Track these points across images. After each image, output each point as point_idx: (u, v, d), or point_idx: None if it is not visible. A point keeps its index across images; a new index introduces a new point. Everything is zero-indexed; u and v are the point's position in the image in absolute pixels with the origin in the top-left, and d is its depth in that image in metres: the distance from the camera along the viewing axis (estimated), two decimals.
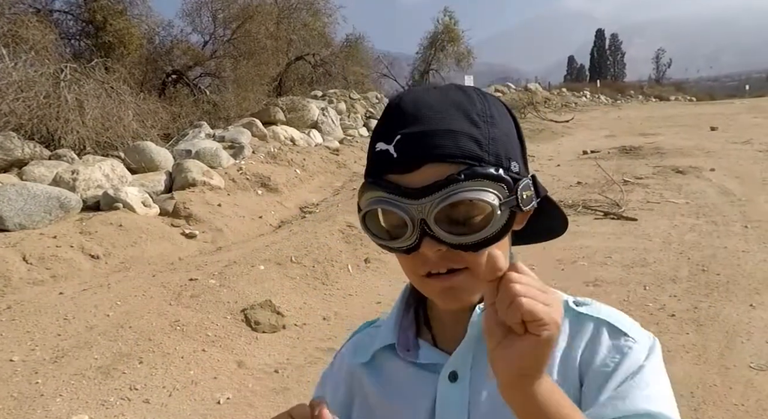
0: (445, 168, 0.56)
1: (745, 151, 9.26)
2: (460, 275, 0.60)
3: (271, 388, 2.70)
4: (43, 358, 2.82)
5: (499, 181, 0.57)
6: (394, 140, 0.57)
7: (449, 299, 0.61)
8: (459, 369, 0.62)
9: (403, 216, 0.57)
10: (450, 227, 0.57)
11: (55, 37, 9.99)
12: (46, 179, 5.69)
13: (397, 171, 0.57)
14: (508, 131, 0.62)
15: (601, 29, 76.71)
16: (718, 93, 52.51)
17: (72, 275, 4.16)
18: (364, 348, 0.71)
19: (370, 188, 0.60)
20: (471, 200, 0.56)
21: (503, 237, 0.59)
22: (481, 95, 0.62)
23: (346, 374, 0.72)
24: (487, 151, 0.57)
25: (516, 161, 0.60)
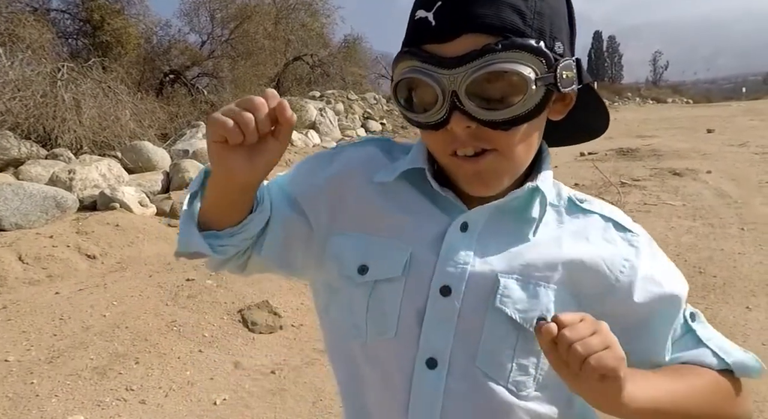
0: (483, 38, 0.53)
1: (742, 153, 9.29)
2: (488, 156, 0.58)
3: (268, 389, 2.69)
4: (39, 358, 2.81)
5: (538, 55, 0.54)
6: (434, 7, 0.55)
7: (478, 185, 0.60)
8: (471, 222, 0.62)
9: (434, 86, 0.55)
10: (481, 102, 0.55)
11: (52, 36, 9.96)
12: (42, 178, 5.68)
13: (434, 40, 0.55)
14: (558, 9, 0.58)
15: (598, 31, 76.92)
16: (714, 95, 52.74)
17: (68, 275, 4.14)
18: (383, 164, 0.67)
19: (406, 57, 0.57)
20: (505, 71, 0.53)
21: (536, 117, 0.57)
22: None
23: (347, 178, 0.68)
24: (531, 25, 0.55)
25: (561, 41, 0.57)
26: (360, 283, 0.63)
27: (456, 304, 0.60)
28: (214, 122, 0.55)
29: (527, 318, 0.61)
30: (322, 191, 0.68)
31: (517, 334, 0.61)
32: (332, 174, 0.69)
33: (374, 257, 0.63)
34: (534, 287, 0.61)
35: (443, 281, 0.61)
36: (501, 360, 0.61)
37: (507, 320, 0.60)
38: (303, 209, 0.69)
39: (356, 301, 0.64)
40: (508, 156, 0.59)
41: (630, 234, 0.67)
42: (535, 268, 0.62)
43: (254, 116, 0.54)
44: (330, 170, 0.69)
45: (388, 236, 0.63)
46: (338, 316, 0.67)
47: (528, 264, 0.61)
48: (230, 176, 0.58)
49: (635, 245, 0.66)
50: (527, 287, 0.61)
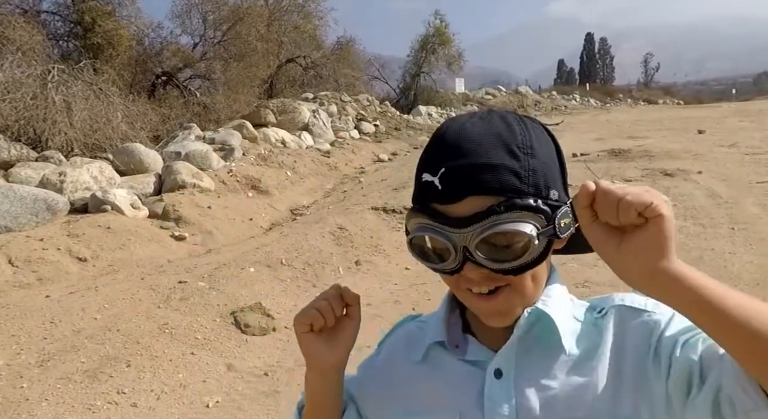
0: (486, 200, 0.60)
1: (732, 154, 9.37)
2: (502, 294, 0.64)
3: (261, 391, 2.68)
4: (29, 362, 2.78)
5: (537, 212, 0.60)
6: (439, 173, 0.62)
7: (495, 319, 0.66)
8: (503, 366, 0.66)
9: (447, 244, 0.62)
10: (490, 254, 0.61)
11: (43, 38, 9.88)
12: (32, 180, 5.63)
13: (441, 201, 0.62)
14: (547, 159, 0.65)
15: (590, 33, 77.44)
16: (705, 97, 53.16)
17: (59, 278, 4.11)
18: (415, 342, 0.74)
19: (417, 214, 0.65)
20: (509, 232, 0.60)
21: (541, 262, 0.63)
22: (522, 125, 0.65)
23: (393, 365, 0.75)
24: (527, 183, 0.61)
25: (555, 188, 0.64)
26: None
27: None
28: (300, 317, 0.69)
29: None
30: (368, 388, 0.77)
31: None
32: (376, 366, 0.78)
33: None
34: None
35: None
36: None
37: None
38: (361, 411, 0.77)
39: None
40: (521, 291, 0.65)
41: (646, 314, 0.67)
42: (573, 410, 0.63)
43: (329, 302, 0.69)
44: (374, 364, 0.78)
45: (434, 409, 0.68)
46: None
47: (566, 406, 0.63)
48: (318, 360, 0.71)
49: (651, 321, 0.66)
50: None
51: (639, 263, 0.54)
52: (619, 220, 0.53)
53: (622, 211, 0.52)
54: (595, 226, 0.55)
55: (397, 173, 8.50)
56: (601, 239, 0.55)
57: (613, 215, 0.53)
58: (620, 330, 0.67)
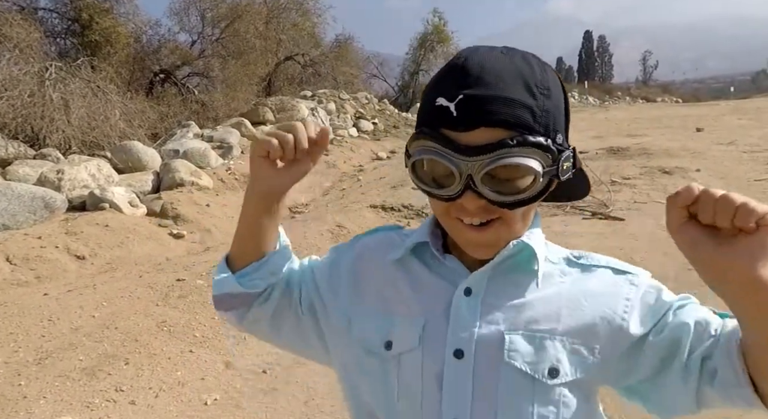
0: (498, 132, 0.61)
1: (730, 152, 9.38)
2: (492, 227, 0.66)
3: (259, 389, 2.68)
4: (27, 360, 2.78)
5: (546, 151, 0.62)
6: (456, 99, 0.61)
7: (481, 251, 0.68)
8: (473, 286, 0.68)
9: (453, 169, 0.62)
10: (493, 185, 0.62)
11: (40, 35, 9.86)
12: (30, 178, 5.62)
13: (453, 128, 0.62)
14: (558, 103, 0.66)
15: (589, 31, 77.40)
16: (703, 95, 53.25)
17: (57, 276, 4.10)
18: (394, 246, 0.75)
19: (424, 137, 0.64)
20: (518, 165, 0.61)
21: (539, 200, 0.66)
22: (541, 66, 0.66)
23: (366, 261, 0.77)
24: (539, 122, 0.62)
25: (561, 133, 0.65)
26: (387, 358, 0.69)
27: (470, 365, 0.66)
28: (260, 141, 0.70)
29: (537, 369, 0.65)
30: (342, 277, 0.77)
31: (533, 386, 0.65)
32: (351, 259, 0.78)
33: (396, 332, 0.70)
34: (540, 340, 0.66)
35: (456, 345, 0.66)
36: (521, 414, 0.65)
37: (518, 372, 0.65)
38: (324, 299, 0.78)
39: (387, 375, 0.70)
40: (510, 225, 0.66)
41: (630, 275, 0.72)
42: (538, 322, 0.67)
43: (295, 137, 0.69)
44: (349, 256, 0.79)
45: (405, 311, 0.70)
46: (366, 390, 0.72)
47: (531, 319, 0.67)
48: (263, 184, 0.72)
49: (635, 283, 0.70)
50: (533, 340, 0.66)
51: (741, 266, 0.53)
52: (733, 224, 0.53)
53: (741, 216, 0.52)
54: (690, 225, 0.55)
55: (395, 171, 8.50)
56: (697, 238, 0.55)
57: (726, 219, 0.53)
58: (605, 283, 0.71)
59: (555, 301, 0.68)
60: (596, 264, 0.73)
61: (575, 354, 0.66)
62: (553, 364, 0.65)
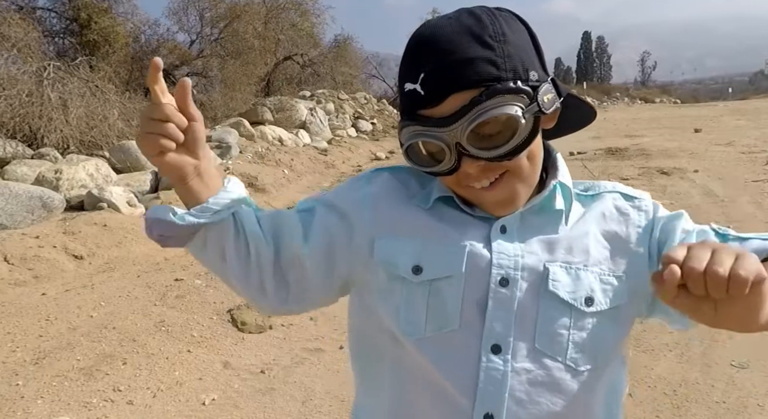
0: (468, 94, 0.61)
1: (728, 152, 9.40)
2: (501, 182, 0.67)
3: (257, 389, 2.68)
4: (24, 360, 2.77)
5: (518, 93, 0.62)
6: (419, 79, 0.63)
7: (501, 208, 0.69)
8: (508, 224, 0.70)
9: (440, 143, 0.64)
10: (483, 144, 0.63)
11: (39, 34, 9.84)
12: (28, 178, 5.61)
13: (427, 106, 0.63)
14: (522, 43, 0.66)
15: (587, 32, 77.51)
16: (702, 96, 53.34)
17: (55, 276, 4.10)
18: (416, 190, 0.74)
19: (407, 124, 0.66)
20: (496, 117, 0.61)
21: (533, 141, 0.65)
22: (491, 15, 0.66)
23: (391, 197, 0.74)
24: (505, 69, 0.62)
25: (534, 69, 0.65)
26: (417, 283, 0.68)
27: (515, 293, 0.67)
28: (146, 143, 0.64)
29: (576, 298, 0.68)
30: (364, 203, 0.74)
31: (571, 313, 0.68)
32: (373, 191, 0.75)
33: (429, 258, 0.69)
34: (575, 271, 0.69)
35: (501, 273, 0.68)
36: (558, 340, 0.68)
37: (559, 301, 0.68)
38: (346, 213, 0.74)
39: (413, 299, 0.68)
40: (519, 174, 0.67)
41: (637, 200, 0.76)
42: (572, 255, 0.70)
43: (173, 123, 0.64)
44: (370, 188, 0.75)
45: (440, 240, 0.69)
46: (387, 316, 0.70)
47: (565, 252, 0.70)
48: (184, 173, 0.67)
49: (643, 209, 0.75)
50: (570, 271, 0.69)
51: (743, 321, 0.53)
52: (728, 294, 0.50)
53: (735, 288, 0.49)
54: (684, 295, 0.51)
55: None
56: (694, 308, 0.52)
57: (720, 292, 0.50)
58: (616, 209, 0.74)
59: (582, 236, 0.71)
60: (605, 190, 0.77)
61: (606, 283, 0.70)
62: (588, 293, 0.68)
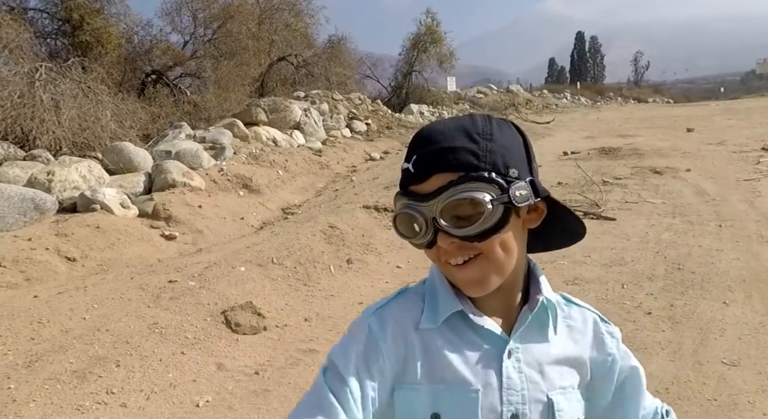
0: (448, 176, 0.70)
1: (720, 152, 9.47)
2: (474, 262, 0.73)
3: (252, 390, 2.67)
4: (16, 363, 2.75)
5: (490, 182, 0.70)
6: (412, 160, 0.73)
7: (473, 288, 0.74)
8: (513, 348, 0.76)
9: (418, 216, 0.72)
10: (456, 223, 0.70)
11: (30, 35, 9.77)
12: (20, 180, 5.57)
13: (414, 183, 0.73)
14: (509, 144, 0.74)
15: (581, 32, 77.81)
16: (694, 95, 53.65)
17: (47, 278, 4.07)
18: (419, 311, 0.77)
19: (399, 197, 0.75)
20: (466, 198, 0.69)
21: (502, 228, 0.71)
22: (486, 119, 0.75)
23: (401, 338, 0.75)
24: (484, 161, 0.71)
25: (515, 168, 0.72)
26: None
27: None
28: None
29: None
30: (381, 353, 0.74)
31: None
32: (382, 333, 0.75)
33: (445, 406, 0.73)
34: (570, 396, 0.77)
35: (511, 410, 0.73)
36: None
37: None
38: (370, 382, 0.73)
39: None
40: (491, 258, 0.73)
41: (610, 327, 0.85)
42: (564, 378, 0.78)
43: None
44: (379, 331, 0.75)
45: (453, 382, 0.73)
46: None
47: (559, 376, 0.77)
48: None
49: (615, 337, 0.84)
50: (568, 397, 0.77)
51: None
52: None
53: None
54: None
55: (388, 172, 8.50)
56: None
57: None
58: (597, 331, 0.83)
59: (570, 355, 0.79)
60: (584, 306, 0.85)
61: (583, 401, 0.80)
62: (579, 415, 0.77)
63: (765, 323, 3.13)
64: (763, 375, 2.61)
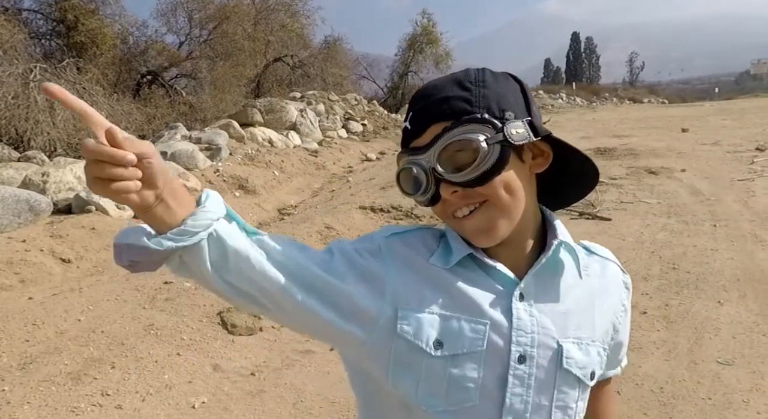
0: (442, 125, 0.70)
1: (714, 152, 9.51)
2: (480, 210, 0.72)
3: (247, 391, 2.67)
4: (10, 365, 2.74)
5: (483, 123, 0.69)
6: (408, 117, 0.74)
7: (482, 237, 0.73)
8: (525, 291, 0.74)
9: (418, 170, 0.72)
10: (454, 169, 0.70)
11: (24, 36, 9.73)
12: (14, 181, 5.54)
13: (413, 138, 0.73)
14: (504, 90, 0.73)
15: (576, 32, 78.04)
16: (689, 96, 53.91)
17: (42, 280, 4.05)
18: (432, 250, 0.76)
19: (400, 155, 0.75)
20: (459, 140, 0.68)
21: (502, 168, 0.70)
22: (479, 69, 0.75)
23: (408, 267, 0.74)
24: (478, 105, 0.70)
25: (511, 110, 0.71)
26: (437, 357, 0.71)
27: (532, 369, 0.72)
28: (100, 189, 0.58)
29: (586, 374, 0.76)
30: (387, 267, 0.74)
31: (579, 387, 0.75)
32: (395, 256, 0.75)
33: (450, 333, 0.71)
34: (586, 347, 0.76)
35: (519, 350, 0.72)
36: (569, 413, 0.75)
37: (572, 378, 0.74)
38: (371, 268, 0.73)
39: (433, 373, 0.71)
40: (496, 203, 0.71)
41: (627, 276, 0.85)
42: (580, 329, 0.76)
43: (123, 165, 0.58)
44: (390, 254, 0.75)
45: (460, 314, 0.72)
46: (403, 386, 0.72)
47: (575, 326, 0.75)
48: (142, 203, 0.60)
49: (628, 287, 0.85)
50: (582, 347, 0.75)
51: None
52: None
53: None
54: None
55: (385, 172, 8.51)
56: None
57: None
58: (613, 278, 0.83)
59: (589, 306, 0.77)
60: (605, 256, 0.84)
61: (601, 356, 0.78)
62: (593, 368, 0.76)
63: (759, 322, 3.15)
64: (757, 373, 2.63)
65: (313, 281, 0.69)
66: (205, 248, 0.65)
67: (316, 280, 0.69)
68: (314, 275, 0.69)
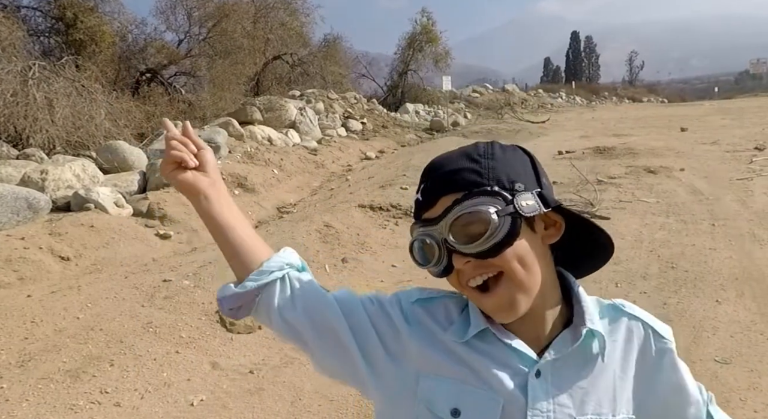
0: (453, 197, 0.72)
1: (713, 151, 9.52)
2: (498, 285, 0.72)
3: (246, 389, 2.67)
4: (9, 362, 2.74)
5: (494, 195, 0.71)
6: (420, 189, 0.76)
7: (502, 313, 0.73)
8: (543, 369, 0.73)
9: (431, 240, 0.73)
10: (466, 241, 0.70)
11: (23, 34, 9.71)
12: (13, 179, 5.54)
13: (424, 210, 0.75)
14: (513, 162, 0.75)
15: (576, 32, 78.03)
16: (688, 95, 53.96)
17: (40, 278, 4.05)
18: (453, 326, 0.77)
19: (413, 227, 0.78)
20: (470, 212, 0.70)
21: (514, 240, 0.70)
22: (488, 143, 0.77)
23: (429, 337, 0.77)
24: (487, 178, 0.72)
25: (522, 182, 0.73)
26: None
27: None
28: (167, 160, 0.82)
29: None
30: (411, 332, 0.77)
31: None
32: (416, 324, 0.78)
33: (467, 403, 0.73)
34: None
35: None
36: None
37: None
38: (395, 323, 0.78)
39: None
40: (513, 277, 0.71)
41: (664, 342, 0.80)
42: (601, 405, 0.74)
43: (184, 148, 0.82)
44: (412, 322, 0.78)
45: (477, 385, 0.73)
46: None
47: (595, 405, 0.74)
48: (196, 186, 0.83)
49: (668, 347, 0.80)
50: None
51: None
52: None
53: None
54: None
55: (384, 171, 8.51)
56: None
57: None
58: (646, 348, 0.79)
59: (611, 384, 0.75)
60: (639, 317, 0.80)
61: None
62: None
63: (757, 321, 3.16)
64: (754, 372, 2.63)
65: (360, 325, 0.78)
66: (277, 286, 0.82)
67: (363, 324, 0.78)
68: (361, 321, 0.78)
